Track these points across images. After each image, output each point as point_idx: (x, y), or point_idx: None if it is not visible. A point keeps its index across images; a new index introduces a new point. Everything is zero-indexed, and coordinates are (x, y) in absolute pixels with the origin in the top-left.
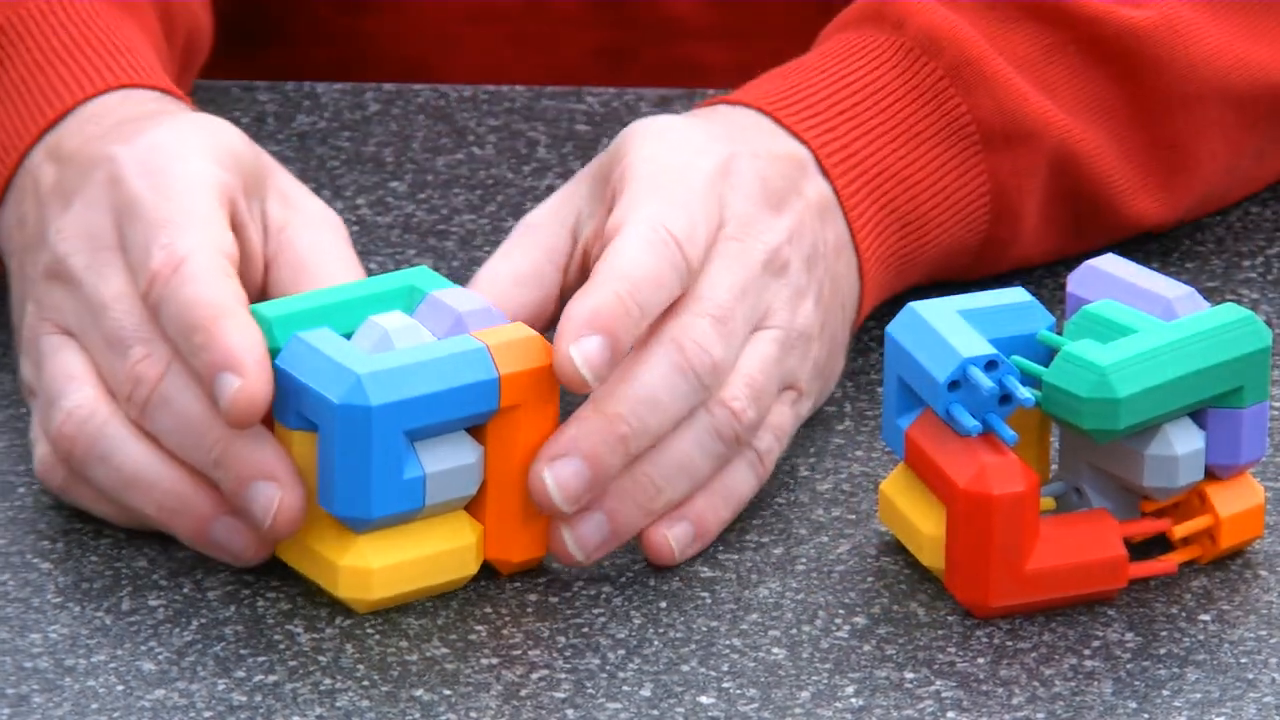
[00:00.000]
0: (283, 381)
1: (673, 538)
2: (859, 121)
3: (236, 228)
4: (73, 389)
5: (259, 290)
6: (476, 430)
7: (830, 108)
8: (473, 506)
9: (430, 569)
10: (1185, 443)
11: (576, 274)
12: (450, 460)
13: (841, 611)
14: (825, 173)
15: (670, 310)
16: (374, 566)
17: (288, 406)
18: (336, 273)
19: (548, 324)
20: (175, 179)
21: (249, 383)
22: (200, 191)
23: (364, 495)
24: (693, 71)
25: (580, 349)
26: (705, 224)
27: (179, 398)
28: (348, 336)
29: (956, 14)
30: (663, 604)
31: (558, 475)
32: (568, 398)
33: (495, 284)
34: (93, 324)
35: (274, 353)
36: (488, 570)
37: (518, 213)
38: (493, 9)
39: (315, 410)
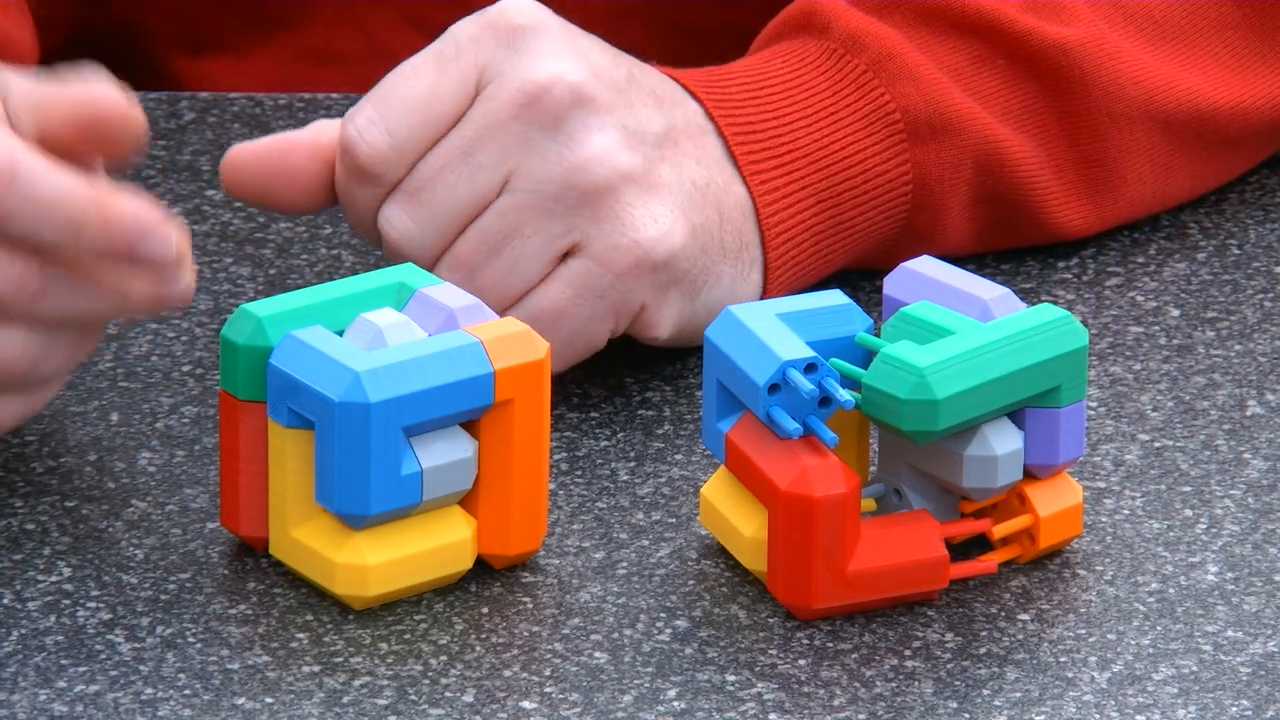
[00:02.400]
0: (278, 379)
1: None
2: (768, 103)
3: None
4: None
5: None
6: (470, 425)
7: (741, 89)
8: (466, 501)
9: (426, 564)
10: (1004, 443)
11: None
12: (446, 455)
13: (663, 615)
14: (699, 101)
15: None
16: (371, 563)
17: (282, 404)
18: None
19: None
20: None
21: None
22: None
23: (362, 492)
24: None
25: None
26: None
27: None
28: (339, 334)
29: (882, 21)
30: (484, 609)
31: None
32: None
33: None
34: None
35: (267, 351)
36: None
37: (334, 220)
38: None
39: (312, 408)
